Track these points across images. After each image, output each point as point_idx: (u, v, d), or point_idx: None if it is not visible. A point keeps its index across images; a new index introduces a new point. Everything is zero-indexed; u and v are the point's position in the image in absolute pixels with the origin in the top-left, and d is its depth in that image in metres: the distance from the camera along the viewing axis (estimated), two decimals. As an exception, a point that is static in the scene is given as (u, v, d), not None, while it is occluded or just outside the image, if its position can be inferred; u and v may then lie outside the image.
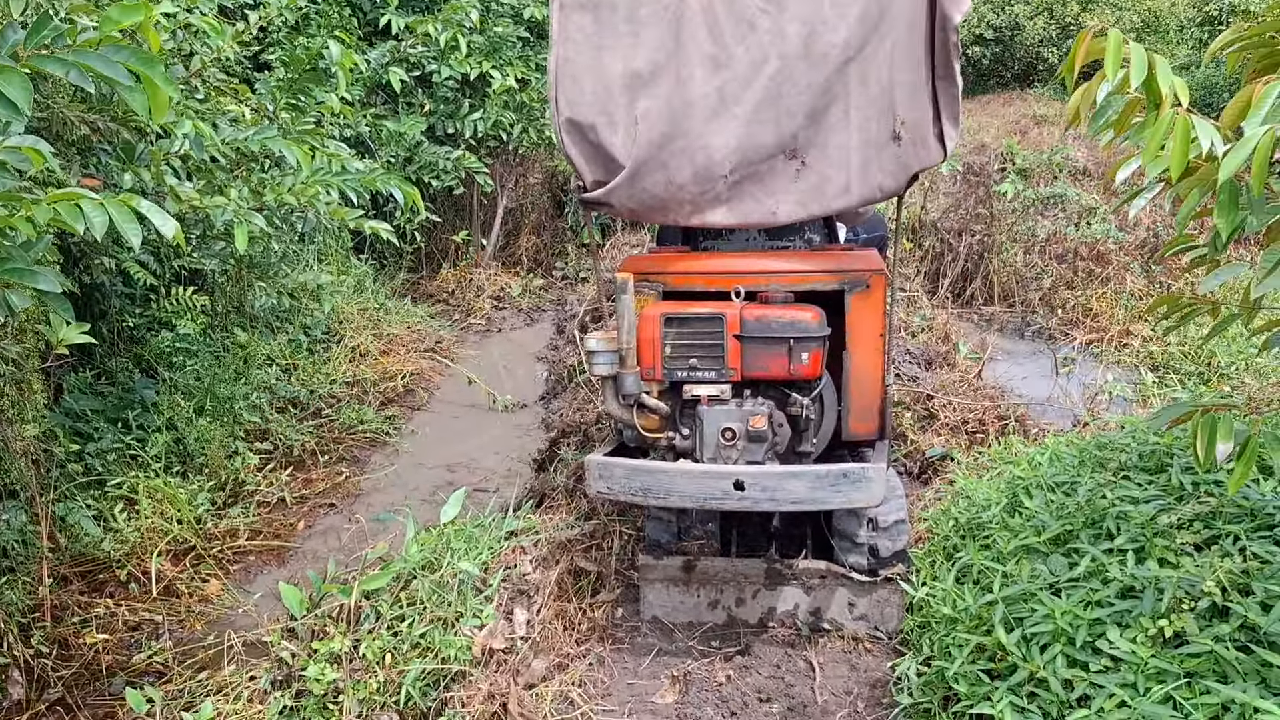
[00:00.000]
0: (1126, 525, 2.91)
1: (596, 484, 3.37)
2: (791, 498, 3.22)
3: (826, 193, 3.45)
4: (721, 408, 3.41)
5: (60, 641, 4.81)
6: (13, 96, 2.38)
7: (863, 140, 3.41)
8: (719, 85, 3.31)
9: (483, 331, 9.81)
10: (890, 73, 3.37)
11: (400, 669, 3.20)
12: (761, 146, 3.37)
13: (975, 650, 2.78)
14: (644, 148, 3.36)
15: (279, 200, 5.54)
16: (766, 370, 3.45)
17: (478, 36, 9.49)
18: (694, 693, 3.20)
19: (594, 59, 3.42)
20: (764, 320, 3.42)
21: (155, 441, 6.03)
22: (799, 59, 3.31)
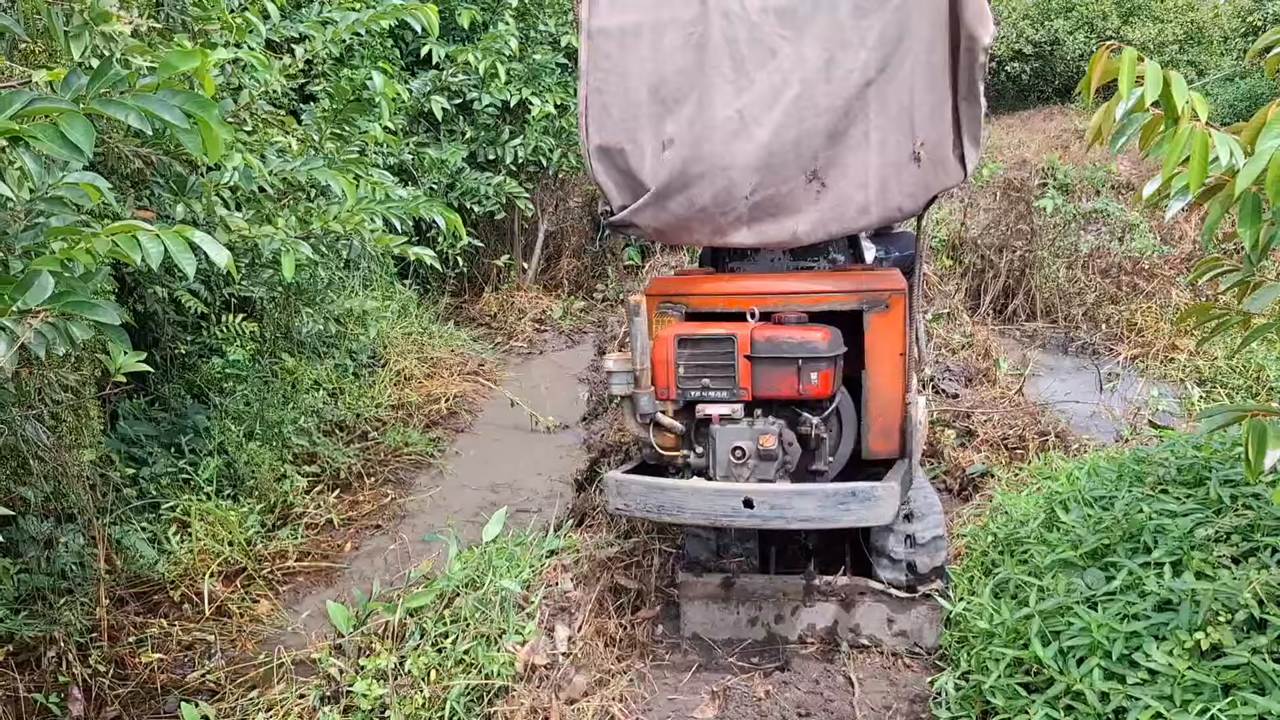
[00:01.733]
0: (1164, 538, 2.91)
1: (614, 500, 3.44)
2: (800, 516, 3.26)
3: (846, 213, 3.50)
4: (733, 427, 3.46)
5: (117, 661, 4.94)
6: (75, 139, 2.50)
7: (882, 161, 3.45)
8: (740, 109, 3.38)
9: (525, 354, 9.93)
10: (910, 94, 3.41)
11: (445, 685, 3.27)
12: (781, 168, 3.43)
13: (1012, 664, 2.79)
14: (668, 171, 3.45)
15: (325, 228, 5.69)
16: (776, 390, 3.50)
17: (517, 64, 9.66)
18: (733, 708, 3.24)
19: (621, 86, 3.53)
20: (774, 341, 3.48)
21: (207, 465, 6.18)
22: (819, 82, 3.38)
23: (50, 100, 2.52)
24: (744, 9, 3.41)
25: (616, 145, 3.54)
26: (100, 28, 3.26)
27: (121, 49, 4.01)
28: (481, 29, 9.71)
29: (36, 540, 5.05)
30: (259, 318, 7.46)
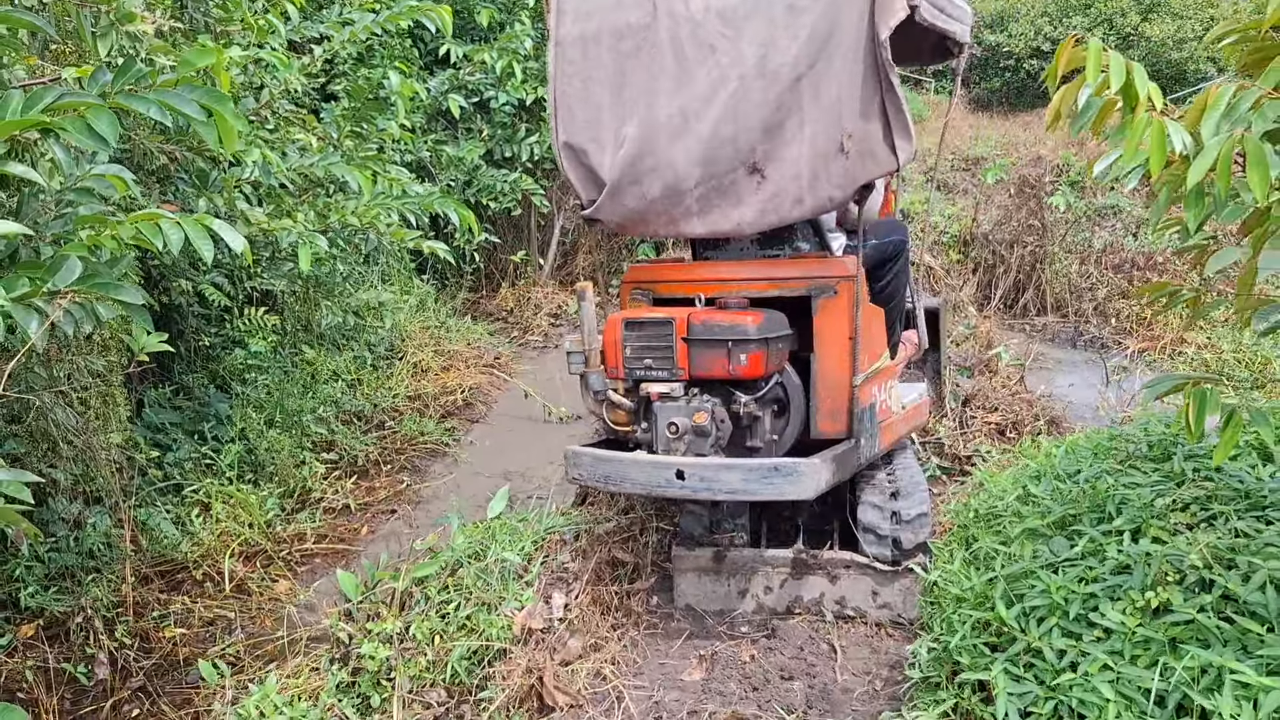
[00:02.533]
0: (1126, 508, 3.05)
1: (571, 471, 3.73)
2: (727, 488, 3.45)
3: (783, 204, 3.66)
4: (671, 404, 3.65)
5: (142, 635, 5.17)
6: (101, 131, 2.69)
7: (813, 153, 3.59)
8: (681, 105, 3.57)
9: (540, 347, 10.11)
10: (839, 88, 3.53)
11: (447, 648, 3.46)
12: (722, 160, 3.61)
13: (978, 625, 2.94)
14: (620, 167, 3.69)
15: (343, 222, 5.90)
16: (709, 370, 3.67)
17: (532, 63, 9.84)
18: (719, 670, 3.40)
19: (584, 89, 3.78)
20: (708, 324, 3.65)
21: (228, 452, 6.41)
22: (755, 77, 3.53)
23: (78, 95, 2.72)
24: (689, 9, 3.59)
25: (580, 144, 3.81)
26: (126, 27, 3.46)
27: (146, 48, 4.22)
28: (499, 28, 9.91)
29: (65, 520, 5.27)
30: (280, 311, 7.68)
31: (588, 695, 3.25)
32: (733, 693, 3.28)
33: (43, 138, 3.09)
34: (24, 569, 4.94)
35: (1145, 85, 2.46)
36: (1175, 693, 2.46)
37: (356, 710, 3.37)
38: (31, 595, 4.86)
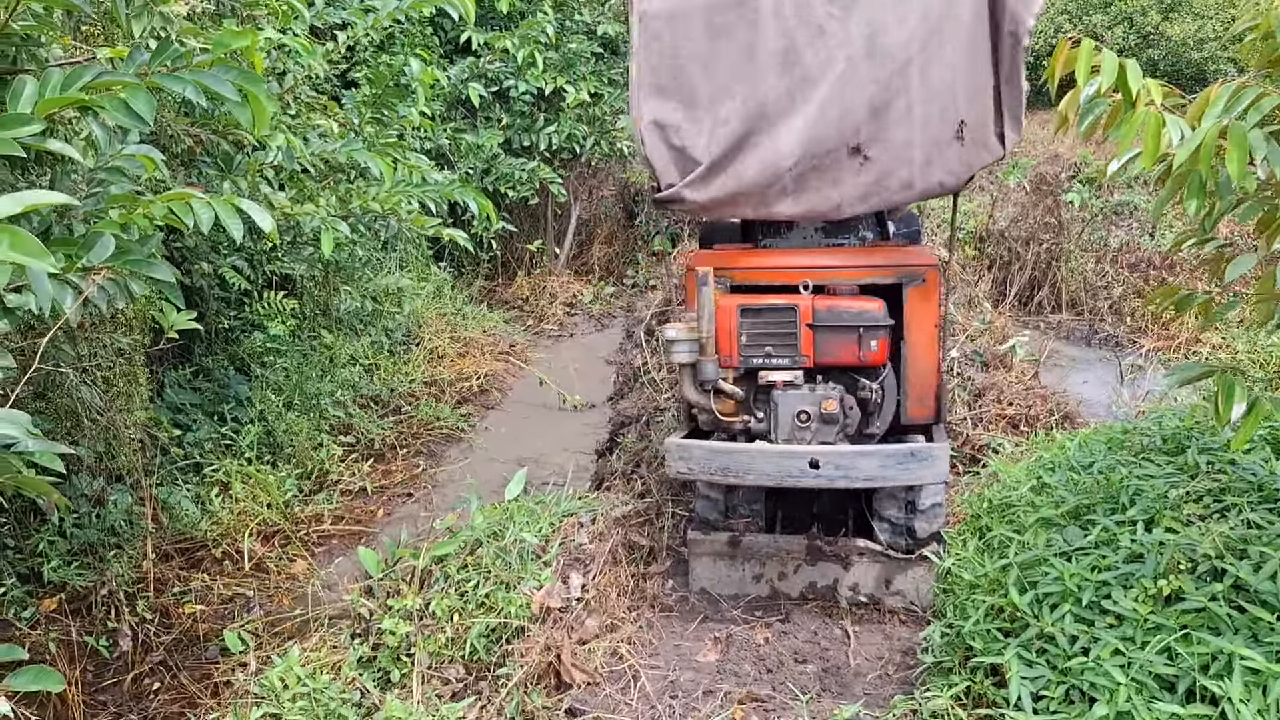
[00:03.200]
0: (1140, 499, 3.08)
1: (676, 465, 3.60)
2: (864, 475, 3.47)
3: (889, 186, 3.69)
4: (795, 392, 3.65)
5: (162, 611, 5.24)
6: (138, 109, 2.74)
7: (925, 137, 3.63)
8: (789, 85, 3.54)
9: (555, 336, 10.17)
10: (952, 74, 3.58)
11: (466, 625, 3.51)
12: (825, 139, 3.60)
13: (991, 611, 2.98)
14: (720, 146, 3.61)
15: (364, 208, 5.95)
16: (837, 357, 3.69)
17: (552, 53, 9.88)
18: (734, 652, 3.45)
19: (673, 65, 3.69)
20: (835, 310, 3.67)
21: (248, 433, 6.47)
22: (864, 59, 3.55)
23: (115, 74, 2.77)
24: None
25: (671, 123, 3.70)
26: (159, 8, 3.51)
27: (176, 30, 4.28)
28: (519, 17, 9.95)
29: (88, 497, 5.35)
30: (299, 295, 7.74)
31: (604, 673, 3.31)
32: (747, 674, 3.33)
33: (81, 116, 3.14)
34: (47, 544, 5.01)
35: (1139, 81, 2.49)
36: (1186, 678, 2.50)
37: (376, 684, 3.43)
38: (54, 569, 4.93)
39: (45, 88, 2.72)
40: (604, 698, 3.22)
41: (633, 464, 4.78)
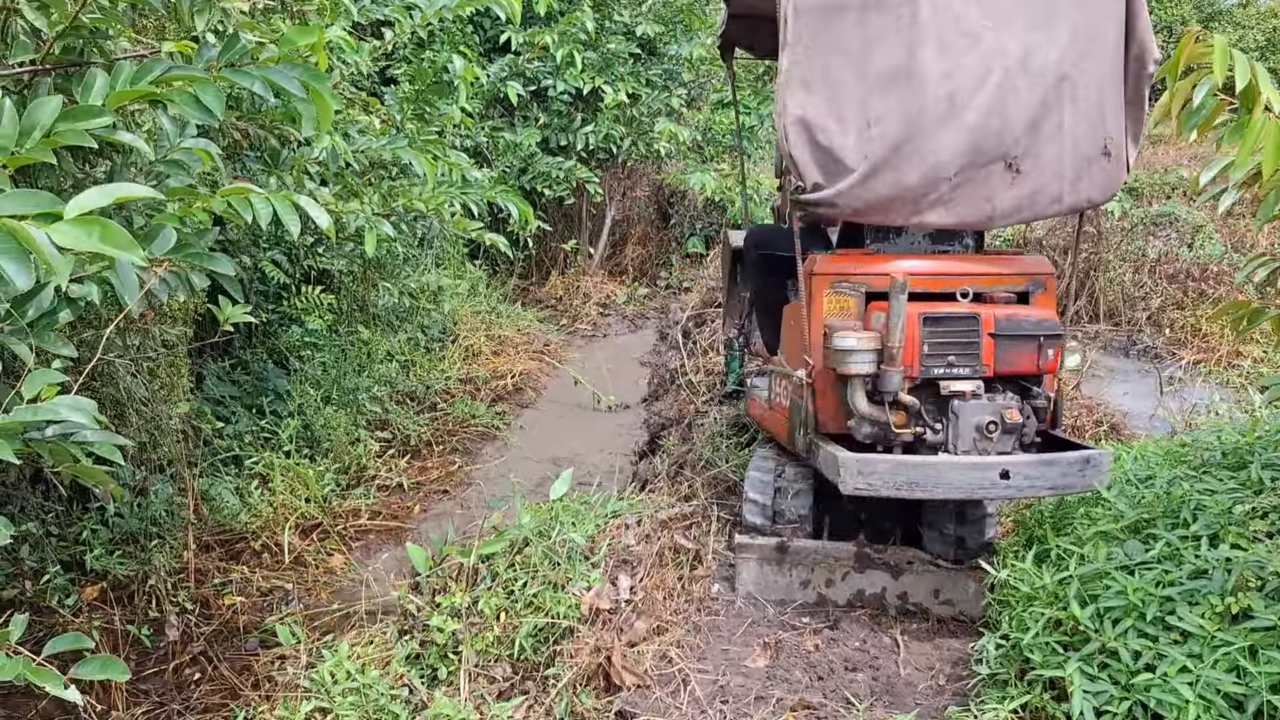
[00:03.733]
0: (1203, 514, 3.04)
1: (854, 480, 3.45)
2: (1049, 484, 3.43)
3: (1039, 201, 3.70)
4: (978, 402, 3.59)
5: (202, 601, 5.27)
6: (207, 103, 2.76)
7: (1075, 154, 3.65)
8: (949, 92, 3.51)
9: (589, 336, 10.18)
10: (1099, 92, 3.63)
11: (514, 625, 3.51)
12: (985, 152, 3.57)
13: (1050, 624, 2.95)
14: (879, 149, 3.54)
15: (408, 207, 5.98)
16: (1016, 365, 3.65)
17: (591, 53, 9.89)
18: (784, 658, 3.42)
19: (826, 63, 3.60)
20: (1015, 319, 3.64)
21: (286, 426, 6.50)
22: (1019, 73, 3.54)
23: (185, 69, 2.78)
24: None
25: (818, 122, 3.60)
26: (221, 4, 3.53)
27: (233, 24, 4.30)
28: (558, 15, 9.96)
29: (130, 487, 5.38)
30: (336, 290, 7.77)
31: (654, 676, 3.29)
32: (798, 680, 3.30)
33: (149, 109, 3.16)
34: (90, 532, 5.05)
35: (1269, 87, 2.45)
36: (1255, 697, 2.46)
37: (424, 681, 3.42)
38: (96, 558, 4.97)
39: (116, 80, 2.74)
40: (654, 701, 3.21)
41: (676, 466, 4.77)
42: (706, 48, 10.32)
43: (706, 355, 7.54)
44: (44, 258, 1.80)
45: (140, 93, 2.66)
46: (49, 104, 2.35)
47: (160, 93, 2.73)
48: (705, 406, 6.01)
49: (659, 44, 11.04)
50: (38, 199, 1.88)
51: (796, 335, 3.91)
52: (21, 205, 1.85)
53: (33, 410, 2.48)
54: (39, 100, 2.36)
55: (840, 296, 3.76)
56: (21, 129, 2.32)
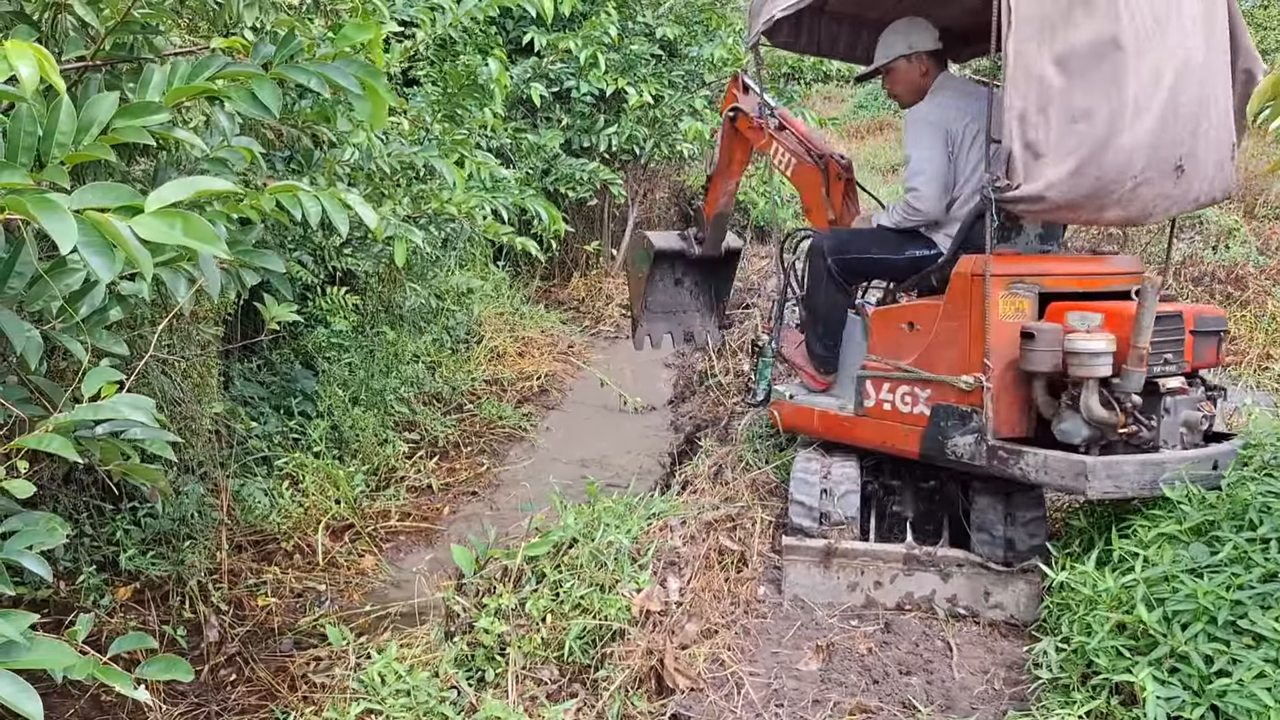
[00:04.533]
0: (1269, 517, 2.99)
1: (1102, 484, 3.38)
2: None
3: (1186, 198, 3.78)
4: (1187, 397, 3.63)
5: (235, 602, 5.25)
6: (264, 99, 2.74)
7: (1215, 156, 3.78)
8: (1135, 93, 3.52)
9: (611, 338, 10.14)
10: (1226, 99, 3.80)
11: (563, 626, 3.47)
12: (1162, 151, 3.61)
13: (1115, 628, 2.90)
14: (1085, 147, 3.53)
15: (439, 211, 5.96)
16: (1204, 361, 3.77)
17: (614, 54, 9.86)
18: (837, 661, 3.38)
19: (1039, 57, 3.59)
20: (1205, 317, 3.74)
21: (315, 427, 6.48)
22: (1185, 74, 3.60)
23: (241, 65, 2.76)
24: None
25: (1030, 116, 3.58)
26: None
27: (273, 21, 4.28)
28: (581, 18, 9.94)
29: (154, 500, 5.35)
30: (361, 291, 7.76)
31: (707, 679, 3.25)
32: (853, 684, 3.26)
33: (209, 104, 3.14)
34: (123, 532, 5.02)
35: None
36: (1335, 704, 2.41)
37: (471, 683, 3.39)
38: (130, 558, 4.94)
39: (173, 77, 2.72)
40: (709, 704, 3.16)
41: (716, 467, 4.73)
42: (728, 48, 10.28)
43: (735, 357, 7.49)
44: (128, 250, 1.77)
45: (198, 89, 2.64)
46: (106, 100, 2.33)
47: (218, 89, 2.70)
48: (738, 408, 5.97)
49: (680, 45, 11.01)
50: (118, 192, 1.86)
51: (951, 340, 3.79)
52: (103, 198, 1.82)
53: (94, 409, 2.46)
54: (96, 97, 2.33)
55: (1016, 298, 3.70)
56: (79, 125, 2.29)
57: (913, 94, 4.46)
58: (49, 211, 1.69)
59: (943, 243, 4.23)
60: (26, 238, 2.54)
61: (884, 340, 4.09)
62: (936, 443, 3.80)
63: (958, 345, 3.75)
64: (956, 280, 3.78)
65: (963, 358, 3.72)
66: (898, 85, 4.53)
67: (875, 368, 4.08)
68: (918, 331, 3.95)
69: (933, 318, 3.88)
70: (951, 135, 4.18)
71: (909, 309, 4.05)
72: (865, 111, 22.40)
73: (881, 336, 4.11)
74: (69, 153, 2.21)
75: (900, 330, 4.02)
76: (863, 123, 21.49)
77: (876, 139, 19.98)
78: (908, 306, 4.07)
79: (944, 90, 4.37)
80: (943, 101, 4.29)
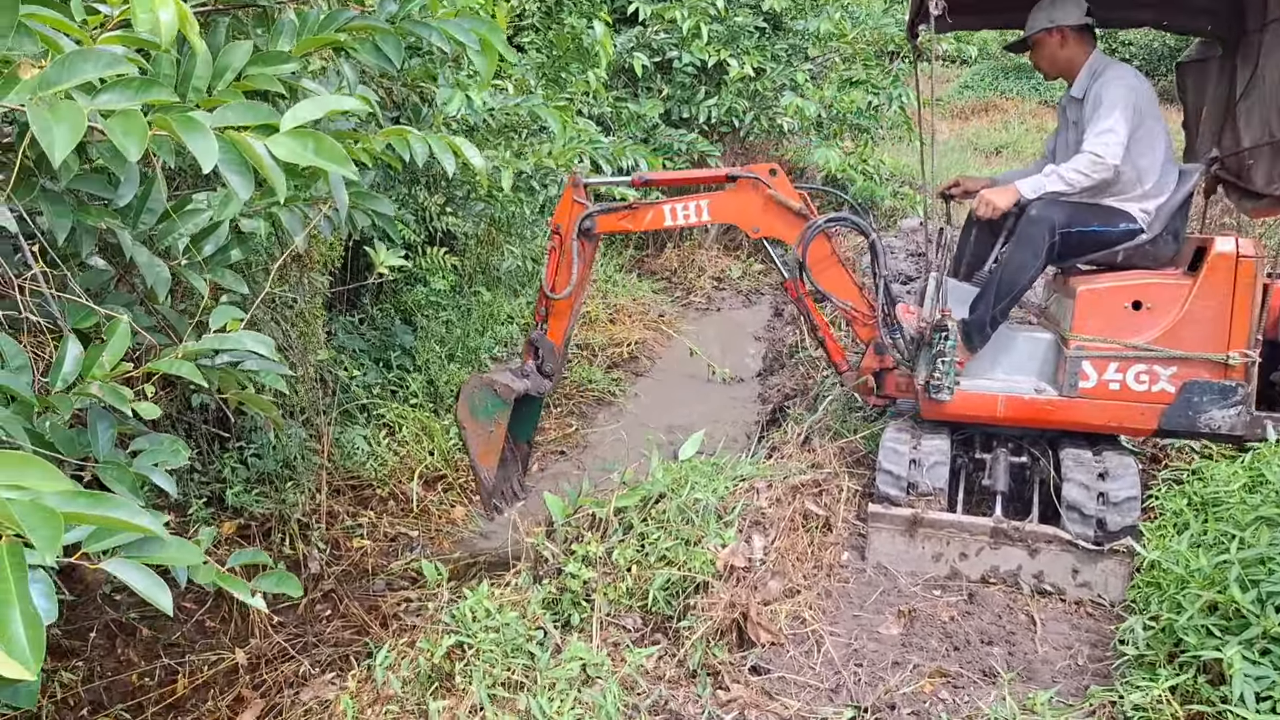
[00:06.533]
0: (1373, 503, 2.92)
1: None
2: None
3: None
4: None
5: (332, 543, 5.46)
6: (388, 52, 2.84)
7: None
8: None
9: (703, 309, 10.17)
10: None
11: (647, 577, 3.55)
12: None
13: (1207, 608, 2.86)
14: None
15: (538, 164, 6.06)
16: None
17: (718, 25, 9.83)
18: (918, 627, 3.40)
19: None
20: None
21: (412, 381, 6.67)
22: None
23: (368, 19, 2.86)
24: None
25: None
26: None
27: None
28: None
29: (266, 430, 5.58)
30: (460, 252, 7.92)
31: (788, 635, 3.30)
32: (934, 649, 3.27)
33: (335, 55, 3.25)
34: (230, 470, 5.25)
35: None
36: None
37: (558, 625, 3.50)
38: (236, 495, 5.16)
39: (303, 28, 2.83)
40: (788, 659, 3.21)
41: (804, 435, 4.75)
42: (835, 23, 10.17)
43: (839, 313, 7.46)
44: (264, 170, 1.87)
45: (327, 40, 2.75)
46: (240, 48, 2.44)
47: (345, 40, 2.81)
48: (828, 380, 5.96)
49: (785, 18, 10.93)
50: (256, 110, 1.95)
51: (1207, 318, 3.86)
52: (242, 116, 1.92)
53: (220, 339, 2.60)
54: (231, 45, 2.44)
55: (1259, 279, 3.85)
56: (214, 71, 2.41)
57: (1054, 67, 4.35)
58: (192, 130, 1.79)
59: (1142, 219, 4.15)
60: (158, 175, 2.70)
61: (1098, 319, 3.96)
62: (1186, 418, 3.88)
63: (1216, 323, 3.82)
64: (1220, 260, 3.80)
65: (1221, 335, 3.81)
66: (1041, 58, 4.40)
67: (1101, 349, 3.95)
68: (1149, 310, 3.89)
69: (1171, 297, 3.87)
70: (1139, 109, 4.09)
71: (1133, 288, 3.94)
72: (970, 92, 21.93)
73: (1094, 315, 3.97)
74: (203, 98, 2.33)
75: (1122, 309, 3.93)
76: (967, 103, 21.07)
77: (981, 120, 19.58)
78: (1131, 285, 3.94)
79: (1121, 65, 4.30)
80: (1137, 75, 4.21)
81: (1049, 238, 4.02)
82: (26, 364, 2.19)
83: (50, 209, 2.30)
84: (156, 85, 1.78)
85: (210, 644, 4.55)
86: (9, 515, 1.20)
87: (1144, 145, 4.07)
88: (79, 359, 2.25)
